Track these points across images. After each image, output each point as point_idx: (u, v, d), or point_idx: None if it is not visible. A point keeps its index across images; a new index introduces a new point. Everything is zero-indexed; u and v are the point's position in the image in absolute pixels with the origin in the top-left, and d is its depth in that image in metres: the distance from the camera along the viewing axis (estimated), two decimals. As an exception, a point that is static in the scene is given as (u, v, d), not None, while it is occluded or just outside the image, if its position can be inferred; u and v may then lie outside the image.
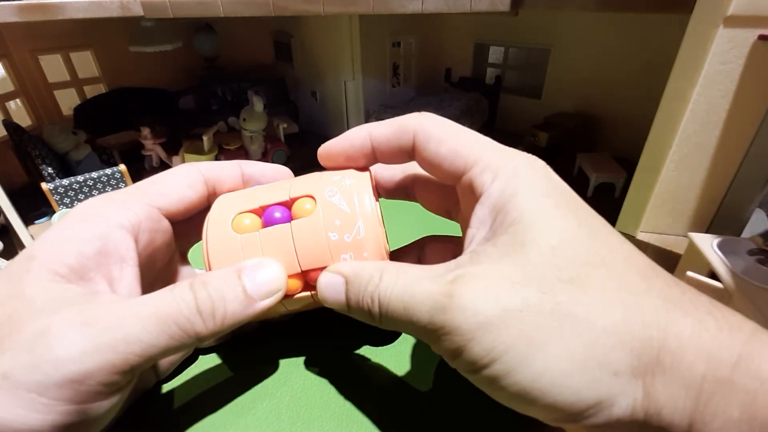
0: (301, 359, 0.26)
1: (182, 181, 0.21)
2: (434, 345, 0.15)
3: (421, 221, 0.43)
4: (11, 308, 0.15)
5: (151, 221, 0.20)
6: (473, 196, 0.17)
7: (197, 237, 0.25)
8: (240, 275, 0.18)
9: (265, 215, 0.20)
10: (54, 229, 0.18)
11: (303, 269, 0.20)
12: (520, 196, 0.15)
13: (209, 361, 0.25)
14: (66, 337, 0.14)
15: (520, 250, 0.14)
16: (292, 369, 0.25)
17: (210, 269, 0.20)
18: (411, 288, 0.16)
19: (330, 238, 0.19)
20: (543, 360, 0.13)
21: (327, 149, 0.21)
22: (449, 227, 0.24)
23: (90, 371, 0.14)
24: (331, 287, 0.19)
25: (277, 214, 0.20)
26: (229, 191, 0.23)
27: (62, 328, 0.14)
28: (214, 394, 0.24)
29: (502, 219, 0.16)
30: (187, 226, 0.22)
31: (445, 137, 0.18)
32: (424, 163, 0.19)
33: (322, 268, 0.20)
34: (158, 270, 0.22)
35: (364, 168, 0.22)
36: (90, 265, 0.17)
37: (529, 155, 0.17)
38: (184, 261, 0.25)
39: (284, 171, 0.25)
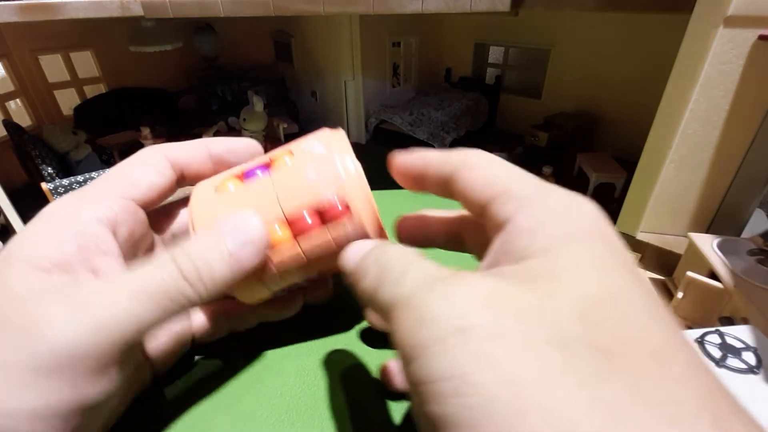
0: (297, 359, 0.26)
1: (150, 168, 0.21)
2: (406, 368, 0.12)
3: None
4: None
5: (127, 213, 0.20)
6: (496, 226, 0.15)
7: (172, 226, 0.25)
8: (220, 233, 0.18)
9: (246, 175, 0.21)
10: (28, 229, 0.17)
11: (286, 213, 0.20)
12: (549, 227, 0.13)
13: (206, 358, 0.25)
14: (58, 321, 0.14)
15: (542, 282, 0.12)
16: (288, 368, 0.25)
17: (194, 232, 0.20)
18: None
19: (309, 177, 0.20)
20: None
21: (405, 163, 0.19)
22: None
23: (87, 352, 0.14)
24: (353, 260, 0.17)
25: (258, 173, 0.21)
26: (198, 173, 0.24)
27: (53, 313, 0.15)
28: (212, 393, 0.24)
29: (522, 249, 0.13)
30: (161, 216, 0.22)
31: (478, 165, 0.17)
32: (457, 194, 0.18)
33: (312, 225, 0.20)
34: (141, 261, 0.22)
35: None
36: (72, 260, 0.17)
37: (577, 194, 0.14)
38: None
39: (253, 144, 0.25)
